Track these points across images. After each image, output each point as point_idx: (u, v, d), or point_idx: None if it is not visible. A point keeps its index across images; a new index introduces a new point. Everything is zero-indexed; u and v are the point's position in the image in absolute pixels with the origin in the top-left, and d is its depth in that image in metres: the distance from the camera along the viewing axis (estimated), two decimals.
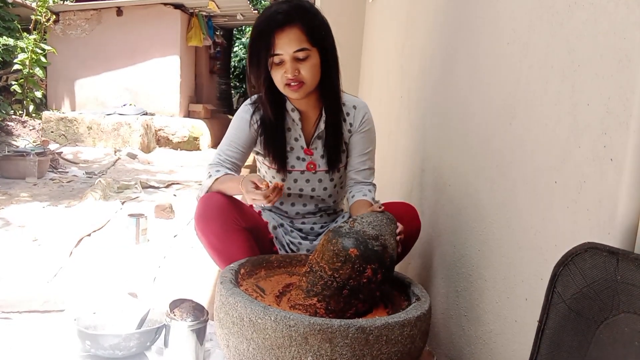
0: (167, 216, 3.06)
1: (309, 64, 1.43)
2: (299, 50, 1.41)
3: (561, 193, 0.90)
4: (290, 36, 1.40)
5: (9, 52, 6.41)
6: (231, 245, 1.43)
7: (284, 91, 1.48)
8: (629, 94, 0.73)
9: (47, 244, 2.37)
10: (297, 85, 1.44)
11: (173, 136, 7.02)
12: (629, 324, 0.65)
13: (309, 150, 1.59)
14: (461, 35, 1.49)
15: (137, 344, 1.36)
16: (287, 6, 1.42)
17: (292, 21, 1.40)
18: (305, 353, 1.00)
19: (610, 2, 0.79)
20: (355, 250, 1.15)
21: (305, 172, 1.59)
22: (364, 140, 1.60)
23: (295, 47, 1.40)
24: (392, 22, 2.63)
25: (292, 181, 1.59)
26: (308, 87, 1.46)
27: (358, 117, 1.59)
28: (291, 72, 1.42)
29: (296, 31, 1.40)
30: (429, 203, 1.70)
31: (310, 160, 1.59)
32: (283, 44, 1.40)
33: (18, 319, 1.62)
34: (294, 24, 1.40)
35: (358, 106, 1.60)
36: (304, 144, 1.59)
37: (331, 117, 1.55)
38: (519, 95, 1.08)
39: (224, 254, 1.44)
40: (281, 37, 1.40)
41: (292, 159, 1.58)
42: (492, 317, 1.17)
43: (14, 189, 3.75)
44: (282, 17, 1.40)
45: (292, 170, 1.58)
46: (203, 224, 1.42)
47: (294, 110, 1.56)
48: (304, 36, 1.41)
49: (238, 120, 1.58)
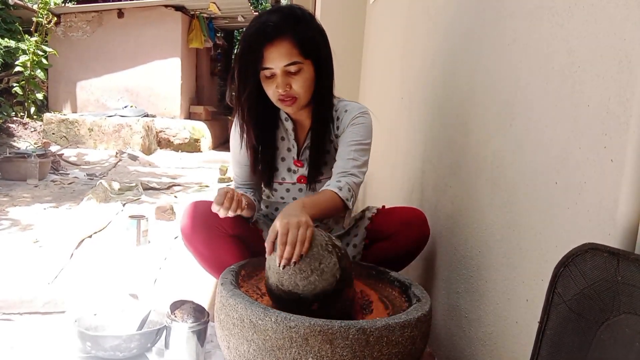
0: (167, 218, 3.06)
1: (302, 77, 1.35)
2: (290, 64, 1.32)
3: (561, 194, 0.90)
4: (281, 50, 1.30)
5: (11, 54, 6.43)
6: (219, 251, 1.42)
7: (278, 105, 1.41)
8: (629, 94, 0.73)
9: (48, 246, 2.37)
10: (290, 100, 1.37)
11: (174, 138, 7.03)
12: (630, 325, 0.65)
13: (299, 162, 1.53)
14: (462, 35, 1.49)
15: (138, 345, 1.36)
16: (276, 17, 1.33)
17: (282, 33, 1.30)
18: (306, 354, 1.00)
19: (610, 2, 0.79)
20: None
21: (296, 183, 1.55)
22: (350, 134, 1.45)
23: (286, 61, 1.31)
24: (392, 23, 2.63)
25: (284, 191, 1.56)
26: (301, 101, 1.39)
27: (347, 118, 1.47)
28: (282, 87, 1.34)
29: (287, 44, 1.31)
30: (429, 204, 1.69)
31: (300, 173, 1.53)
32: (273, 58, 1.31)
33: (19, 320, 1.62)
34: (285, 36, 1.31)
35: (350, 109, 1.48)
36: (296, 154, 1.53)
37: (318, 126, 1.47)
38: (519, 96, 1.08)
39: (213, 260, 1.43)
40: (271, 50, 1.30)
41: (283, 171, 1.54)
42: (492, 318, 1.17)
43: (15, 190, 3.75)
44: (271, 30, 1.30)
45: (283, 182, 1.55)
46: (189, 232, 1.41)
47: (287, 119, 1.51)
48: (295, 49, 1.32)
49: (235, 139, 1.52)
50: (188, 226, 1.41)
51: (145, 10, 7.22)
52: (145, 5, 7.17)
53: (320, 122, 1.47)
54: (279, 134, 1.53)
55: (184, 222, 1.42)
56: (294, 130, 1.52)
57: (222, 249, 1.43)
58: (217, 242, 1.42)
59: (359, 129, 1.45)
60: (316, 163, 1.49)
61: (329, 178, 1.43)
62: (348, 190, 1.36)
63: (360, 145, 1.44)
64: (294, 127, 1.52)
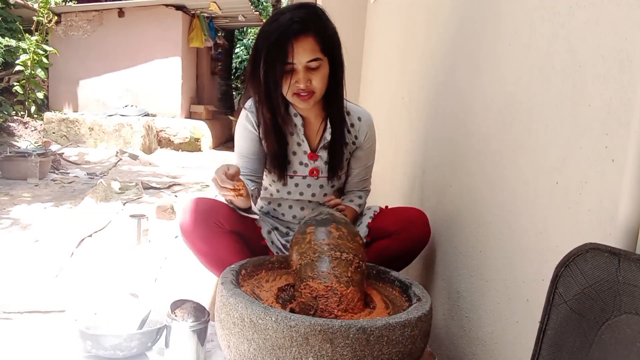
0: (168, 217, 3.06)
1: (320, 74, 1.40)
2: (313, 60, 1.37)
3: (562, 194, 0.90)
4: (305, 46, 1.36)
5: (11, 53, 6.43)
6: (218, 247, 1.42)
7: (292, 99, 1.44)
8: (630, 94, 0.73)
9: (49, 245, 2.37)
10: (307, 95, 1.41)
11: (174, 137, 7.03)
12: (631, 325, 0.65)
13: (314, 154, 1.56)
14: (462, 35, 1.49)
15: (138, 345, 1.36)
16: (303, 13, 1.37)
17: (307, 30, 1.36)
18: (306, 354, 1.00)
19: (611, 2, 0.79)
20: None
21: (308, 177, 1.57)
22: (367, 156, 1.64)
23: (309, 57, 1.37)
24: (393, 22, 2.63)
25: (293, 185, 1.58)
26: (317, 97, 1.44)
27: (363, 131, 1.59)
28: (303, 83, 1.39)
29: (311, 40, 1.36)
30: (429, 204, 1.69)
31: (313, 166, 1.57)
32: (297, 54, 1.36)
33: (19, 319, 1.62)
34: (309, 33, 1.36)
35: (363, 118, 1.60)
36: (307, 148, 1.56)
37: (337, 128, 1.54)
38: (519, 95, 1.08)
39: (213, 256, 1.43)
40: (296, 45, 1.35)
41: (294, 164, 1.57)
42: (493, 318, 1.17)
43: (16, 189, 3.76)
44: (298, 26, 1.35)
45: (294, 175, 1.57)
46: (187, 229, 1.42)
47: (296, 115, 1.54)
48: (317, 46, 1.37)
49: (242, 129, 1.55)
50: (187, 222, 1.42)
51: (146, 10, 7.22)
52: (145, 4, 7.16)
53: (337, 118, 1.54)
54: (288, 130, 1.56)
55: (183, 218, 1.42)
56: (303, 126, 1.55)
57: (221, 245, 1.43)
58: (216, 238, 1.42)
59: (372, 151, 1.66)
60: (336, 163, 1.57)
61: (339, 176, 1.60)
62: (360, 206, 1.66)
63: (371, 167, 1.69)
64: (303, 123, 1.55)
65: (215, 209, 1.41)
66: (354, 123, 1.59)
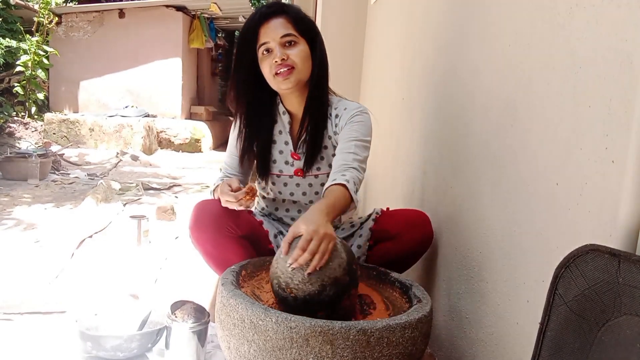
0: (168, 218, 3.06)
1: (298, 49, 1.41)
2: (286, 35, 1.39)
3: (563, 195, 0.90)
4: (276, 24, 1.40)
5: (12, 54, 6.45)
6: (226, 252, 1.42)
7: (274, 82, 1.43)
8: (631, 95, 0.73)
9: (49, 246, 2.37)
10: (286, 71, 1.39)
11: (175, 138, 7.03)
12: (631, 326, 0.65)
13: (297, 154, 1.54)
14: (463, 36, 1.49)
15: (139, 346, 1.36)
16: (273, 3, 1.44)
17: (277, 12, 1.41)
18: (307, 355, 1.00)
19: (611, 3, 0.79)
20: None
21: (294, 176, 1.56)
22: (352, 129, 1.44)
23: (281, 33, 1.39)
24: (394, 23, 2.63)
25: (281, 185, 1.57)
26: (298, 72, 1.41)
27: (346, 115, 1.47)
28: (279, 56, 1.38)
29: (281, 20, 1.40)
30: (430, 205, 1.69)
31: (297, 166, 1.55)
32: (269, 32, 1.39)
33: (19, 320, 1.62)
34: (279, 14, 1.41)
35: (349, 108, 1.48)
36: (292, 147, 1.55)
37: (313, 116, 1.49)
38: (520, 96, 1.08)
39: (220, 260, 1.43)
40: (267, 27, 1.40)
41: (280, 164, 1.55)
42: (493, 319, 1.17)
43: (16, 190, 3.76)
44: (266, 10, 1.41)
45: (281, 174, 1.56)
46: (197, 231, 1.41)
47: (285, 112, 1.53)
48: (290, 24, 1.41)
49: (234, 127, 1.57)
50: (197, 225, 1.41)
51: (147, 11, 7.23)
52: (146, 5, 7.17)
53: (315, 112, 1.49)
54: (277, 127, 1.55)
55: (193, 221, 1.41)
56: (290, 124, 1.54)
57: (230, 249, 1.42)
58: (226, 242, 1.41)
59: (359, 126, 1.44)
60: (312, 153, 1.51)
61: (328, 174, 1.44)
62: (354, 184, 1.32)
63: (360, 142, 1.42)
64: (290, 121, 1.54)
65: (226, 214, 1.40)
66: (338, 114, 1.49)
